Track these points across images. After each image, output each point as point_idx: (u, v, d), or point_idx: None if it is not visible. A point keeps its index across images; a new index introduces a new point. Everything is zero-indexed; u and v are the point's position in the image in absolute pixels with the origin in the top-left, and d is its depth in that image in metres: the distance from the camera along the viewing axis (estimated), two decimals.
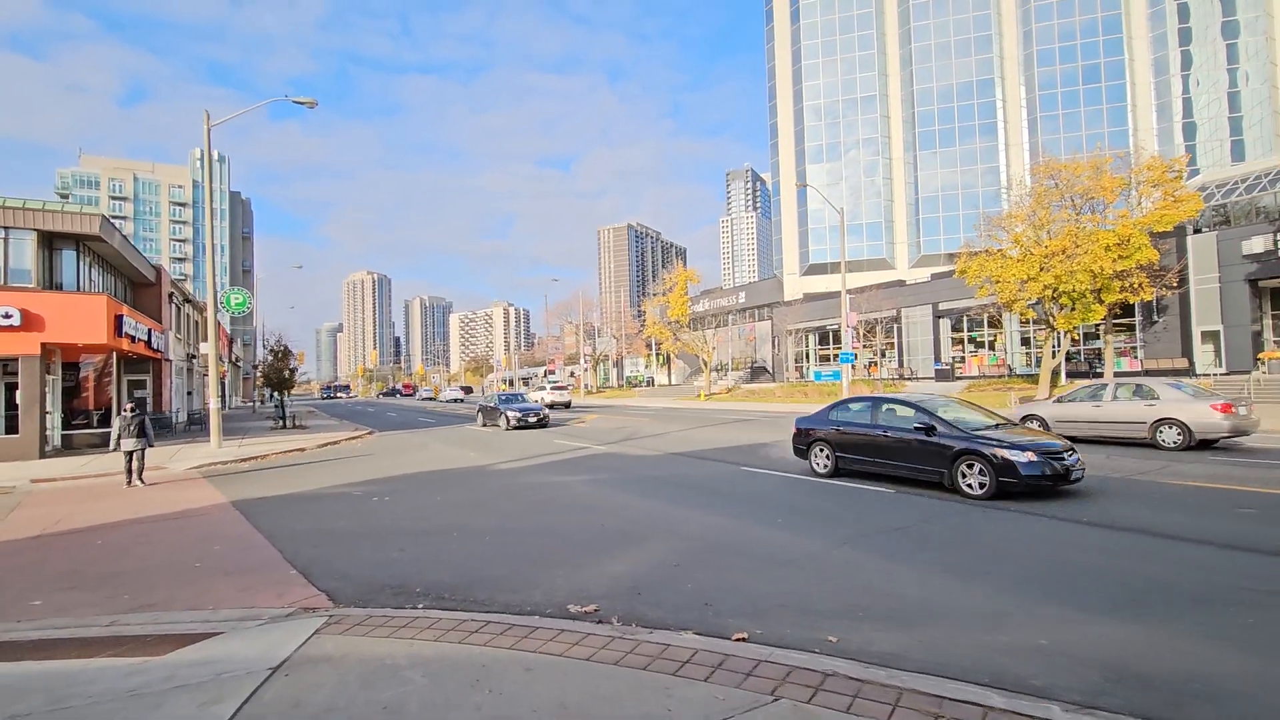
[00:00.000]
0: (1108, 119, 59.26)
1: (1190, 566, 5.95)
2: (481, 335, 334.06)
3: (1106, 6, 60.11)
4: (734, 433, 21.44)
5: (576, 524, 8.59)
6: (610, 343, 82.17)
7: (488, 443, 20.73)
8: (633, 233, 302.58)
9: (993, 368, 42.67)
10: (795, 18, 69.39)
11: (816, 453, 11.86)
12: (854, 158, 68.20)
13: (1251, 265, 30.62)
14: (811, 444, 12.01)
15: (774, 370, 58.38)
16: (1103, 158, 29.52)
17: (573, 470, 13.85)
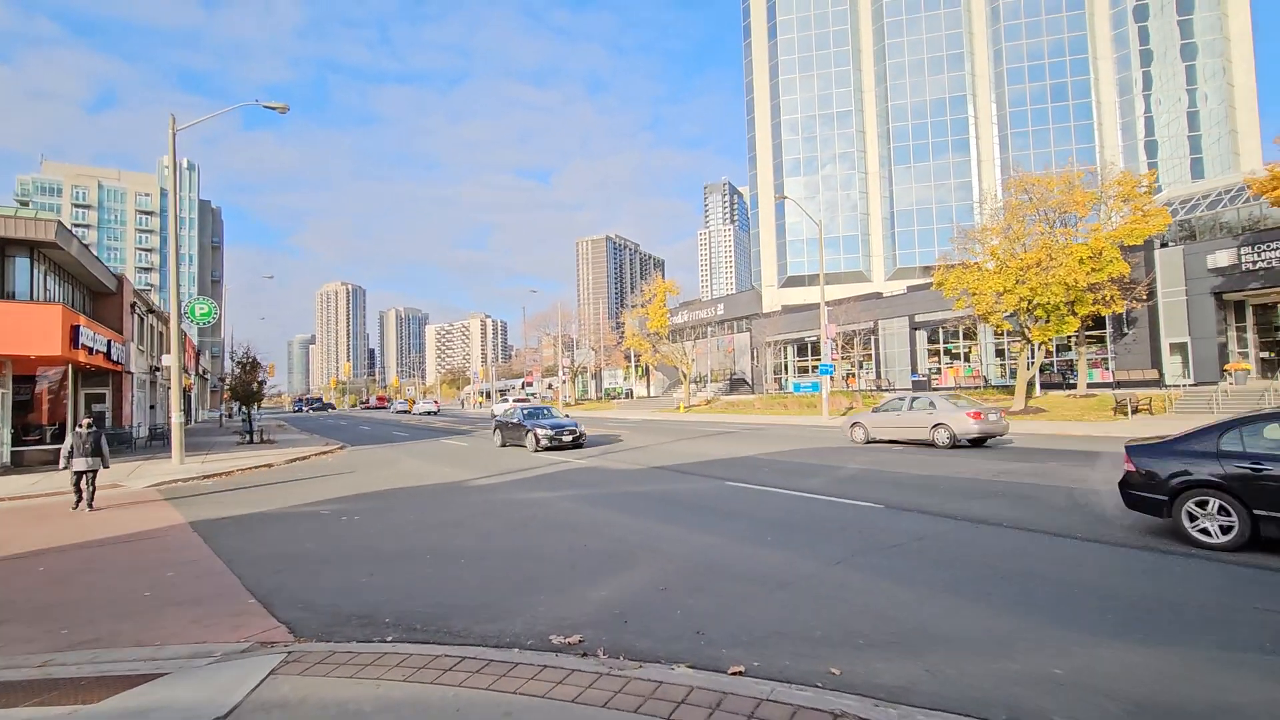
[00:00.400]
0: (1075, 136, 60.77)
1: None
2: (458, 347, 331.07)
3: (1073, 28, 61.84)
4: (716, 445, 21.16)
5: (558, 545, 8.19)
6: (589, 354, 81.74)
7: (464, 458, 20.18)
8: (611, 244, 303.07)
9: (969, 379, 43.10)
10: (773, 33, 70.28)
11: (1197, 507, 7.11)
12: (830, 172, 68.97)
13: (1216, 279, 31.35)
14: (1181, 492, 7.25)
15: (753, 382, 58.41)
16: (1074, 173, 30.06)
17: (552, 486, 13.43)
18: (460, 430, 35.52)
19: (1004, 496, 10.51)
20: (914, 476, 13.06)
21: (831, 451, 18.20)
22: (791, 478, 13.24)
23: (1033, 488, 11.25)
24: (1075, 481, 11.82)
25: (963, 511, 9.33)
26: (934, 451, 17.31)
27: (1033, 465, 14.10)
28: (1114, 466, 13.48)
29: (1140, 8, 60.11)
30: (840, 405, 38.47)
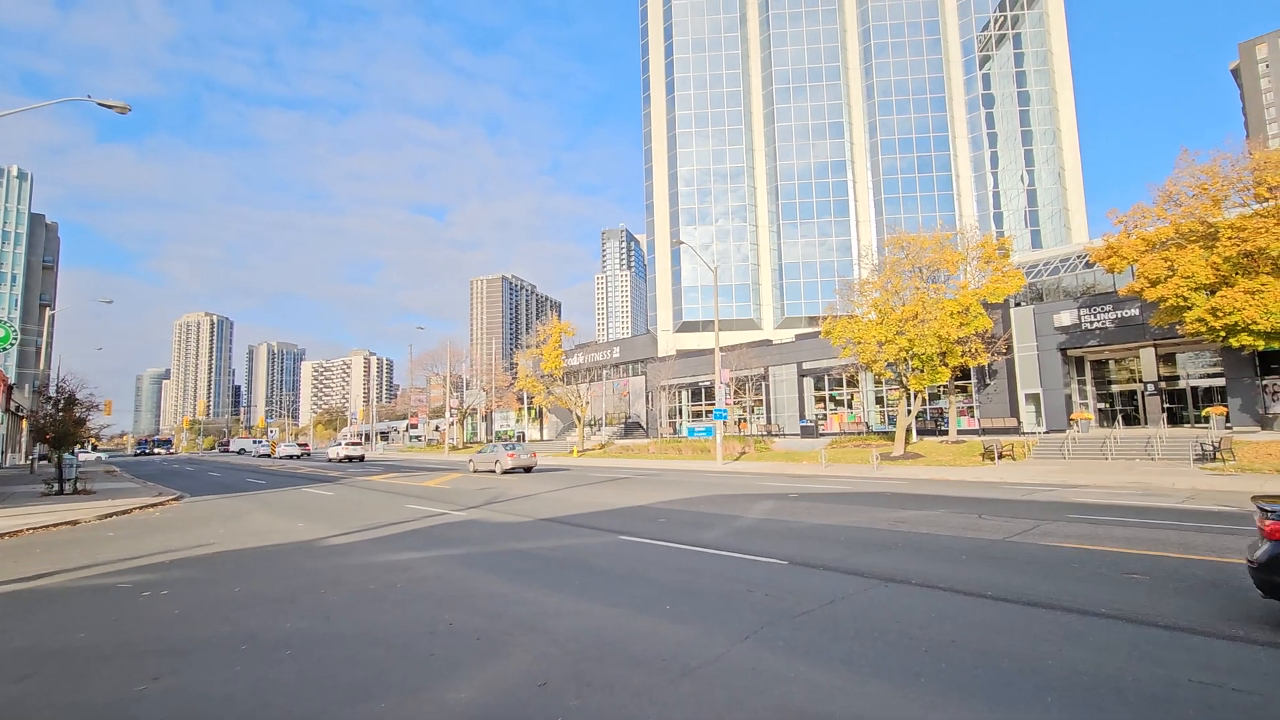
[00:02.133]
0: (939, 204, 67.01)
1: None
2: (338, 386, 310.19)
3: (935, 108, 68.84)
4: (611, 493, 20.07)
5: (416, 624, 6.74)
6: (480, 396, 78.43)
7: (325, 509, 17.77)
8: (507, 284, 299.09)
9: (852, 425, 44.91)
10: (670, 89, 73.01)
11: None
12: (724, 225, 71.67)
13: (1061, 336, 34.69)
14: None
15: (648, 426, 58.04)
16: (944, 234, 32.52)
17: (423, 544, 11.75)
18: (327, 477, 32.11)
19: (904, 549, 10.17)
20: (813, 526, 12.62)
21: (727, 499, 17.64)
22: (690, 530, 12.40)
23: (930, 538, 11.04)
24: (967, 529, 11.79)
25: (868, 567, 8.81)
26: (824, 498, 17.25)
27: (924, 513, 14.13)
28: (999, 514, 13.76)
29: (988, 97, 68.06)
30: (733, 450, 38.64)
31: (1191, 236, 25.15)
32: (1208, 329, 24.25)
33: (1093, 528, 11.74)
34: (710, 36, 73.23)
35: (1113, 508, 14.60)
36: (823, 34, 71.60)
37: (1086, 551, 9.58)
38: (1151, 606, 6.66)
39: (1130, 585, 7.61)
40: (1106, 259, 27.81)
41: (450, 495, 20.71)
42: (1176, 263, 24.57)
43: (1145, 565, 8.62)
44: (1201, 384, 34.00)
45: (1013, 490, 18.78)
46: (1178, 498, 16.38)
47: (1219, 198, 24.96)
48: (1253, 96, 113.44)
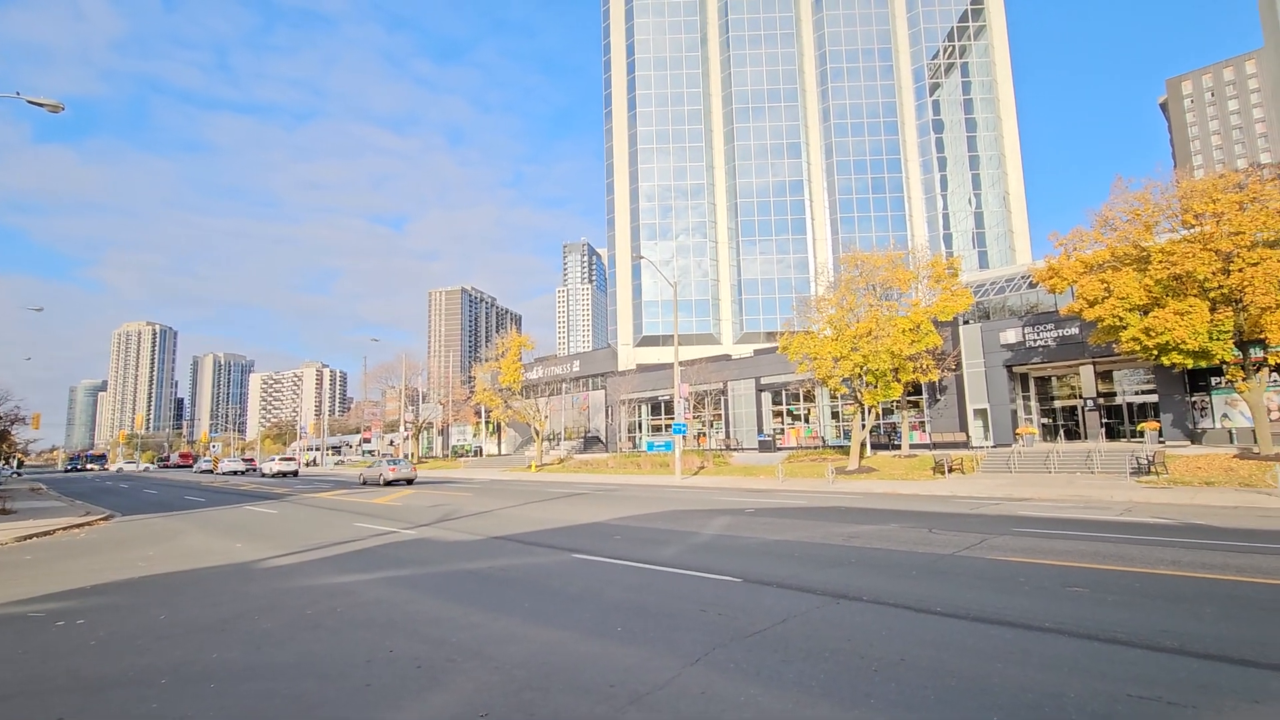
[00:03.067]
0: (892, 225, 69.01)
1: None
2: (288, 399, 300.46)
3: (888, 132, 71.10)
4: (567, 510, 19.77)
5: (354, 652, 6.41)
6: (436, 409, 76.88)
7: (268, 529, 17.01)
8: (466, 297, 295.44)
9: (809, 439, 45.51)
10: (632, 105, 73.62)
11: None
12: (684, 241, 72.33)
13: (1007, 353, 35.89)
14: None
15: (607, 440, 57.73)
16: (897, 253, 33.42)
17: (368, 565, 11.31)
18: (272, 494, 30.87)
19: (857, 564, 10.23)
20: (767, 543, 12.62)
21: (685, 515, 17.56)
22: (644, 547, 12.25)
23: (883, 554, 11.15)
24: (918, 544, 11.95)
25: (821, 584, 8.82)
26: (780, 513, 17.35)
27: (877, 528, 14.30)
28: (949, 528, 14.02)
29: (938, 122, 70.68)
30: (692, 464, 38.69)
31: (1126, 259, 26.41)
32: (1141, 348, 25.41)
33: (1037, 541, 12.04)
34: (672, 55, 74.26)
35: (1055, 521, 15.05)
36: (781, 56, 73.37)
37: (1031, 565, 9.80)
38: (1093, 620, 6.80)
39: (1072, 599, 7.78)
40: (1048, 279, 28.97)
41: (401, 512, 20.10)
42: (1112, 284, 25.73)
43: (1086, 578, 8.85)
44: (1136, 400, 35.60)
45: (962, 504, 19.21)
46: (1115, 510, 16.99)
47: (1150, 223, 26.31)
48: (1179, 129, 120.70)
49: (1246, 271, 22.90)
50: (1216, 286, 23.72)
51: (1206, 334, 23.66)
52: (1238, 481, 21.74)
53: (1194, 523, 14.34)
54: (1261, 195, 24.06)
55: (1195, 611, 7.11)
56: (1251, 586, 8.23)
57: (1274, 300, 22.47)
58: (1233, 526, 13.68)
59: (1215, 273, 23.64)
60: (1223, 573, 9.01)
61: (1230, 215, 23.84)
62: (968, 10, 71.18)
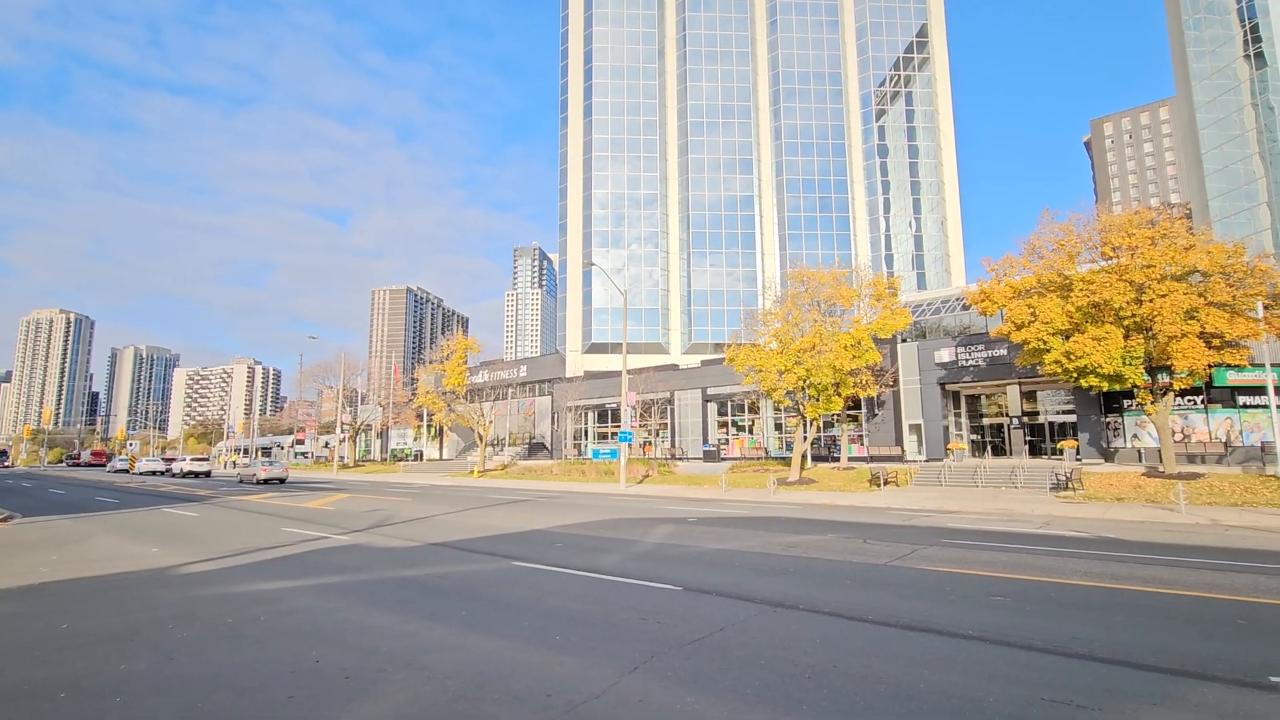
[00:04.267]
0: (837, 243, 71.15)
1: None
2: (216, 397, 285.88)
3: (836, 154, 73.41)
4: (509, 516, 19.47)
5: (277, 662, 6.13)
6: (376, 411, 74.60)
7: (189, 532, 16.10)
8: (412, 297, 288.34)
9: (752, 450, 46.24)
10: (588, 112, 73.72)
11: None
12: (636, 250, 72.64)
13: (941, 371, 37.42)
14: None
15: (552, 447, 57.23)
16: (840, 271, 34.45)
17: (297, 572, 10.84)
18: (195, 496, 29.27)
19: (796, 573, 10.44)
20: (709, 551, 12.74)
21: (628, 523, 17.55)
22: (586, 555, 12.18)
23: (820, 563, 11.41)
24: (853, 554, 12.29)
25: (760, 592, 8.95)
26: (723, 523, 17.58)
27: (815, 538, 14.63)
28: (883, 538, 14.46)
29: (882, 147, 73.45)
30: (637, 473, 38.73)
31: (1051, 286, 28.00)
32: (1062, 370, 26.94)
33: (963, 552, 12.56)
34: (629, 65, 74.79)
35: (981, 533, 15.74)
36: (736, 74, 74.89)
37: (958, 575, 10.21)
38: (1012, 628, 7.13)
39: (995, 607, 8.14)
40: (980, 302, 30.42)
41: (334, 517, 19.37)
42: (1038, 309, 27.23)
43: (1007, 588, 9.29)
44: (1057, 419, 37.67)
45: (896, 515, 19.87)
46: (1036, 523, 17.90)
47: (1073, 253, 28.00)
48: (1101, 166, 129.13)
49: (1156, 302, 24.60)
50: (1130, 315, 25.39)
51: (1121, 359, 25.27)
52: (1145, 498, 23.26)
53: (1106, 536, 15.24)
54: (1171, 232, 25.95)
55: (1104, 619, 7.55)
56: (1154, 596, 8.79)
57: (1179, 330, 24.21)
58: (1140, 540, 14.60)
59: (1129, 302, 25.31)
60: (1129, 583, 9.60)
61: (1143, 249, 25.60)
62: (913, 43, 74.41)
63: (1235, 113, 57.04)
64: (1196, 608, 8.19)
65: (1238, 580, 9.90)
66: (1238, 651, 6.37)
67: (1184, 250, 25.22)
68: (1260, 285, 24.64)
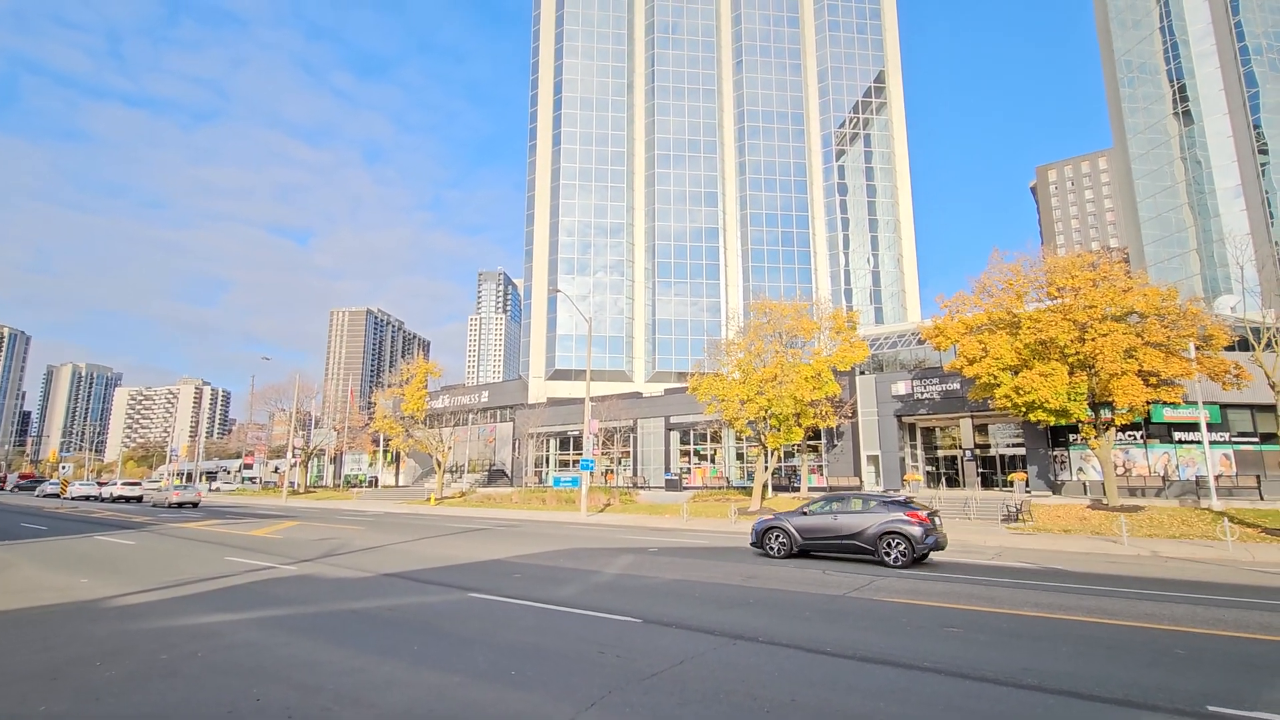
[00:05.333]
0: (799, 276, 72.77)
1: None
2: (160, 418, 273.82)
3: (798, 190, 75.53)
4: (466, 546, 19.02)
5: (215, 702, 5.81)
6: (330, 435, 72.39)
7: (123, 562, 15.26)
8: (372, 318, 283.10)
9: (714, 479, 46.32)
10: (557, 141, 74.49)
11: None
12: (601, 277, 73.03)
13: (898, 404, 38.31)
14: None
15: (513, 474, 56.34)
16: (802, 303, 35.22)
17: (240, 604, 10.36)
18: (132, 523, 27.80)
19: (754, 605, 10.43)
20: (669, 582, 12.65)
21: (588, 553, 17.32)
22: (545, 586, 11.96)
23: (780, 594, 11.44)
24: (812, 585, 12.35)
25: (719, 624, 8.91)
26: (684, 553, 17.52)
27: (774, 569, 14.66)
28: (842, 570, 14.58)
29: (842, 185, 75.90)
30: (599, 501, 38.36)
31: (1001, 324, 29.13)
32: (1012, 405, 27.89)
33: (919, 583, 12.75)
34: (599, 97, 76.05)
35: (936, 563, 16.00)
36: (703, 110, 76.82)
37: (913, 606, 10.34)
38: (965, 659, 7.24)
39: (949, 639, 8.26)
40: (934, 338, 31.42)
41: (282, 546, 18.62)
42: (989, 345, 28.26)
43: (961, 619, 9.44)
44: (1008, 452, 38.83)
45: None
46: (988, 554, 18.31)
47: (1022, 293, 29.25)
48: (1046, 210, 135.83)
49: (1098, 341, 25.79)
50: (1074, 353, 26.53)
51: (1066, 395, 26.31)
52: (1090, 530, 24.05)
53: (1053, 567, 15.66)
54: (1110, 275, 27.37)
55: (1052, 650, 7.74)
56: (1099, 627, 9.05)
57: (1120, 368, 25.39)
58: (1085, 571, 15.05)
59: (1073, 340, 26.47)
60: (1075, 614, 9.87)
61: (1085, 291, 26.91)
62: (871, 88, 77.64)
63: (1166, 165, 60.90)
64: (1139, 638, 8.46)
65: (1176, 611, 10.27)
66: (1178, 681, 6.59)
67: (1122, 292, 26.59)
68: (1192, 327, 26.08)
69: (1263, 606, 10.84)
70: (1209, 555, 17.98)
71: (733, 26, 79.20)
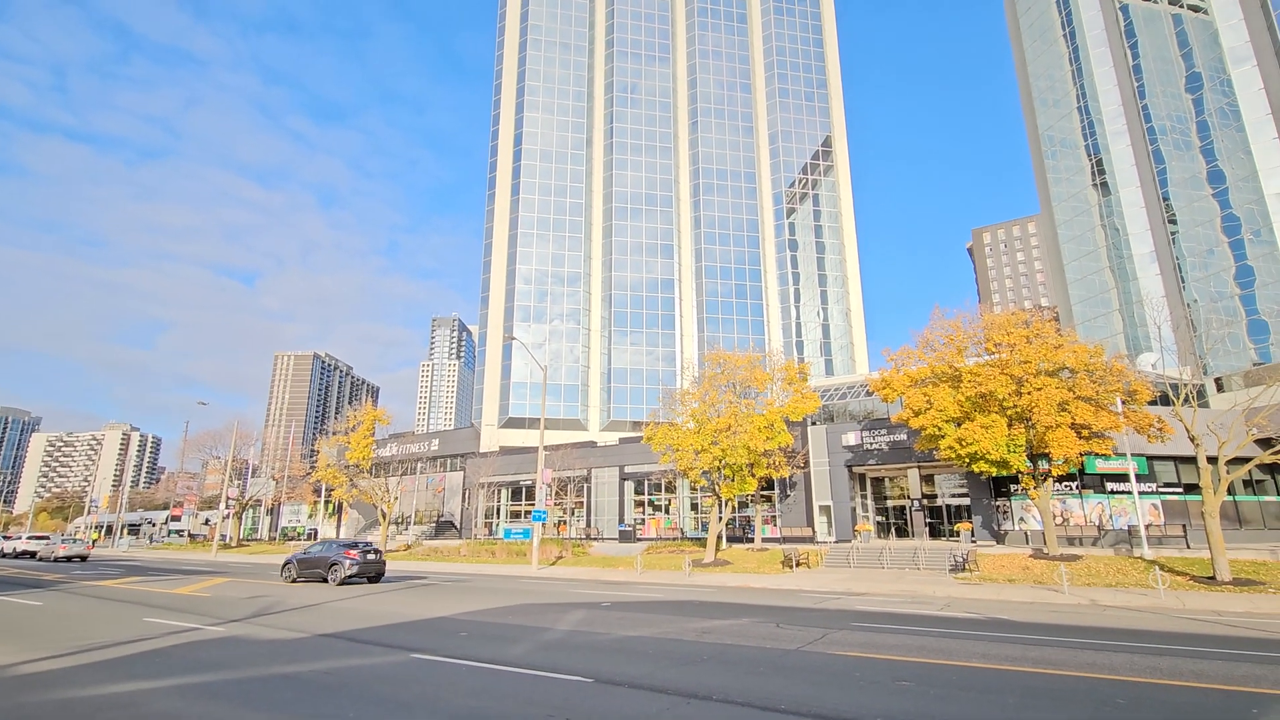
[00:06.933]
0: (752, 328, 74.36)
1: None
2: (81, 466, 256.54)
3: (750, 245, 77.98)
4: (410, 602, 18.17)
5: None
6: (268, 485, 68.97)
7: (26, 625, 13.99)
8: (319, 363, 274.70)
9: (668, 530, 45.82)
10: (516, 191, 75.44)
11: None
12: (558, 326, 73.12)
13: (848, 454, 38.98)
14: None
15: (461, 526, 54.55)
16: (755, 355, 35.90)
17: (159, 671, 9.59)
18: (40, 581, 25.62)
19: (710, 660, 10.24)
20: (622, 639, 12.33)
21: (539, 609, 16.77)
22: (492, 645, 11.49)
23: (734, 649, 11.27)
24: (767, 639, 12.22)
25: (674, 683, 8.70)
26: (637, 607, 17.16)
27: (729, 622, 14.48)
28: (795, 622, 14.49)
29: (793, 242, 78.76)
30: (550, 554, 37.39)
31: (943, 377, 30.27)
32: (956, 455, 28.75)
33: (871, 635, 12.77)
34: (558, 150, 77.74)
35: (888, 615, 16.09)
36: (659, 166, 79.27)
37: (866, 660, 10.33)
38: (917, 712, 7.24)
39: (901, 692, 8.26)
40: (881, 390, 32.37)
41: (210, 605, 17.42)
42: (933, 397, 29.26)
43: (913, 672, 9.47)
44: (953, 502, 39.76)
45: (807, 598, 20.04)
46: (937, 605, 18.52)
47: (962, 347, 30.57)
48: (982, 270, 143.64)
49: (1034, 395, 27.02)
50: (1012, 406, 27.69)
51: (1006, 446, 27.30)
52: (1033, 579, 24.64)
53: (1000, 618, 15.93)
54: (1042, 333, 28.91)
55: (1000, 701, 7.81)
56: (1044, 677, 9.20)
57: (1054, 420, 26.57)
58: (1030, 621, 15.35)
59: (1011, 394, 27.66)
60: (1022, 664, 10.02)
61: (1020, 346, 28.31)
62: (819, 151, 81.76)
63: (1089, 231, 65.51)
64: (1082, 687, 8.62)
65: (1115, 660, 10.54)
66: None
67: (1054, 349, 28.06)
68: (1118, 382, 27.62)
69: (1195, 654, 11.23)
70: (1144, 604, 18.62)
71: (689, 90, 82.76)
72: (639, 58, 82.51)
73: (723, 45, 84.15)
